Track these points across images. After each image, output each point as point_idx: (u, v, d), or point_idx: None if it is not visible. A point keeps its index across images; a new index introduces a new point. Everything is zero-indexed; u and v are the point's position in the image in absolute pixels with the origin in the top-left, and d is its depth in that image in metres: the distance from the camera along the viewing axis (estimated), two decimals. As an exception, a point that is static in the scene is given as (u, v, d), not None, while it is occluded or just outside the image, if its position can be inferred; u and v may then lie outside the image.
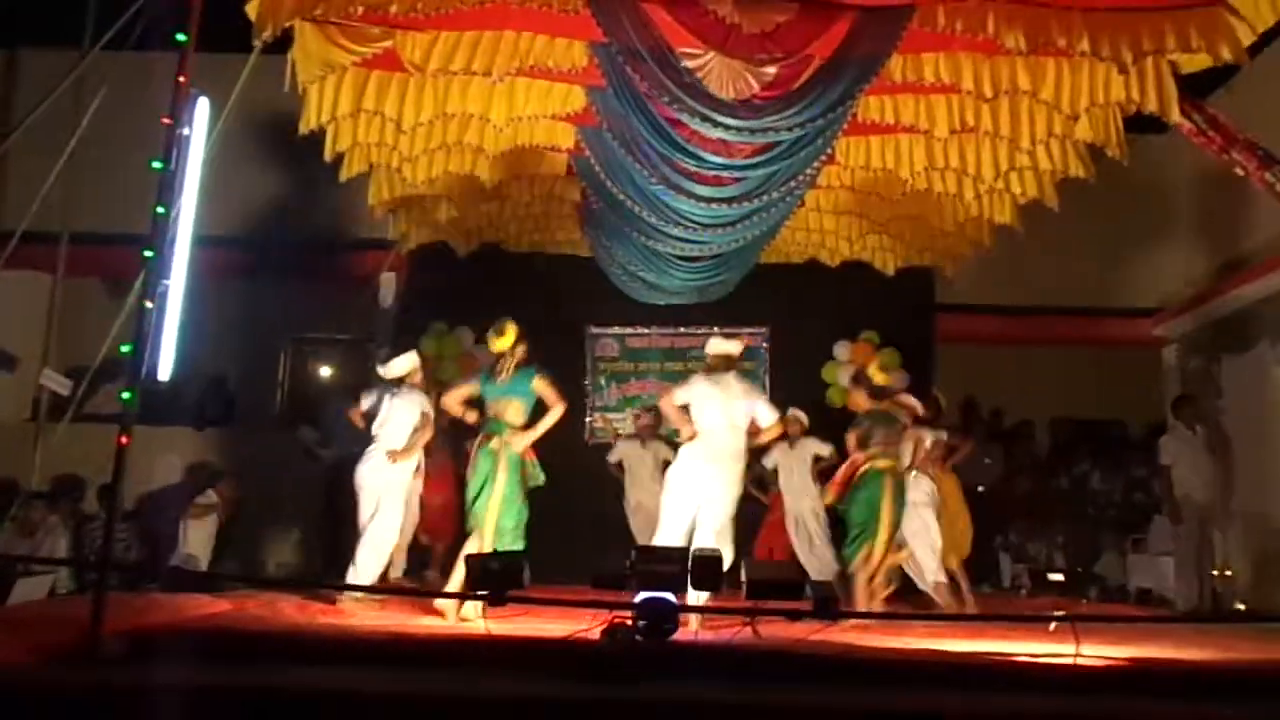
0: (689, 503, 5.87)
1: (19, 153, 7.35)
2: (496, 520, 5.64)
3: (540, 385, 5.84)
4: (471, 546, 5.63)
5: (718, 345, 6.24)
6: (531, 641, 4.60)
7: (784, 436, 7.40)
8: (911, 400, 6.95)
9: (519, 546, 5.64)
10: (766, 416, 6.08)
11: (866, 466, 6.31)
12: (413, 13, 5.76)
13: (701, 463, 5.88)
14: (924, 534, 6.68)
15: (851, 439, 6.49)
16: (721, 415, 5.91)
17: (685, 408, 5.97)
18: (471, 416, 6.09)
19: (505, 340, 5.90)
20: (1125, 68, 5.94)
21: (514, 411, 5.83)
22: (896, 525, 6.30)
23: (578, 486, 7.42)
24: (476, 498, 5.70)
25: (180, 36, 4.62)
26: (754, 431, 6.11)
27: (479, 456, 5.75)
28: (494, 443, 5.73)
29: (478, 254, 9.54)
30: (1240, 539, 8.85)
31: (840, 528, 7.37)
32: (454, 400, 6.10)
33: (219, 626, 4.78)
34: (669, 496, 5.96)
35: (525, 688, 3.83)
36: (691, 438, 5.93)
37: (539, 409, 5.89)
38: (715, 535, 5.75)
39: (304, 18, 5.74)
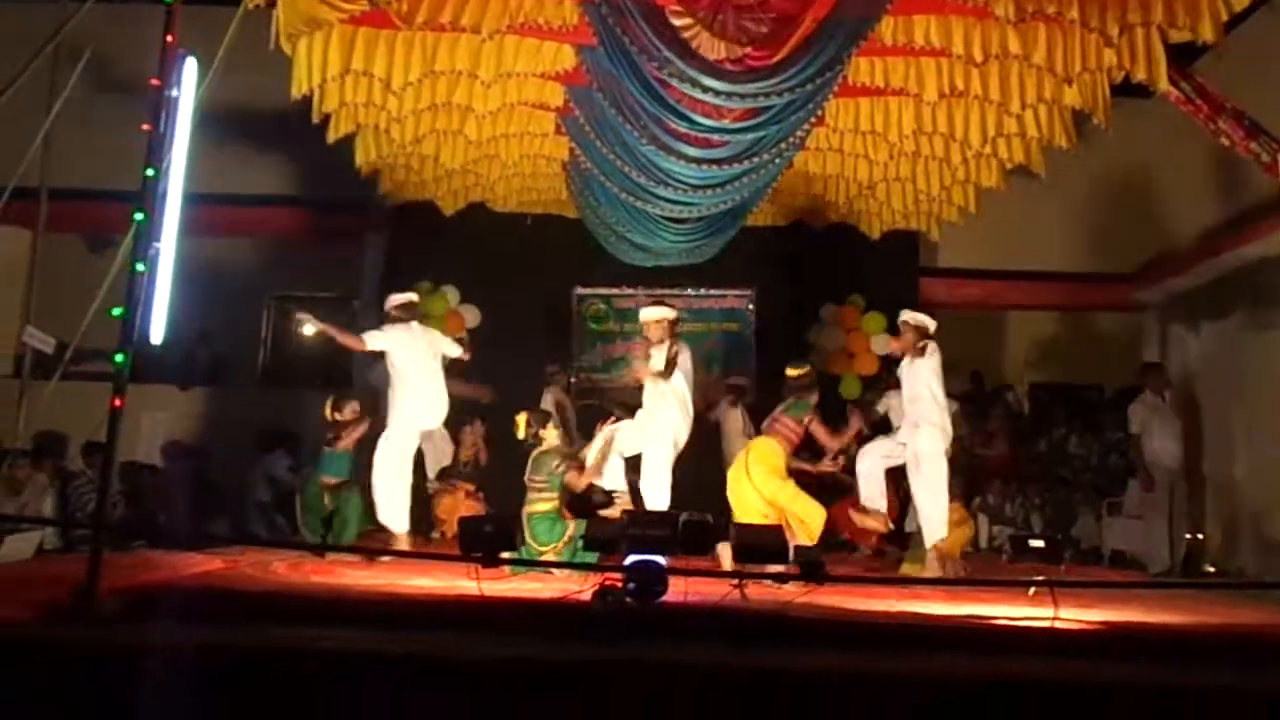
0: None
1: (-9, 106, 7.26)
2: None
3: None
4: None
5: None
6: (523, 603, 4.70)
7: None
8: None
9: None
10: None
11: None
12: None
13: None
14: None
15: None
16: None
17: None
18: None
19: None
20: (1111, 41, 6.00)
21: None
22: None
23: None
24: None
25: (168, -5, 4.57)
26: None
27: None
28: None
29: (464, 213, 9.51)
30: (1211, 503, 9.06)
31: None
32: None
33: (213, 585, 4.85)
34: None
35: (517, 649, 3.92)
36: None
37: None
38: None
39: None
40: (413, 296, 6.98)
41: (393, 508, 6.52)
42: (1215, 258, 9.05)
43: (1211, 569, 8.17)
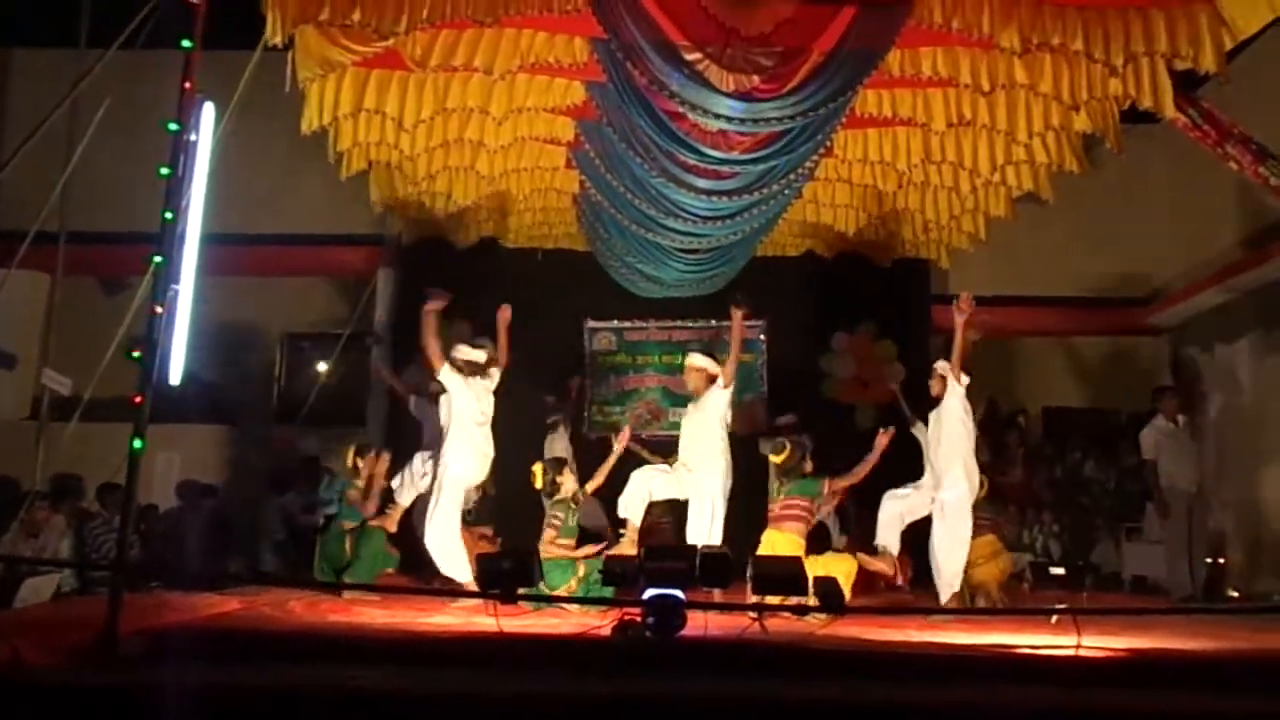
0: None
1: (10, 151, 7.37)
2: None
3: None
4: None
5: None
6: (543, 638, 4.70)
7: None
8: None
9: None
10: None
11: None
12: (419, 25, 5.83)
13: None
14: None
15: None
16: None
17: None
18: None
19: None
20: (1116, 70, 6.06)
21: None
22: None
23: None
24: None
25: (186, 42, 4.65)
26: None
27: None
28: None
29: (476, 248, 9.61)
30: (1233, 527, 9.01)
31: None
32: None
33: (232, 625, 4.86)
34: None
35: (537, 685, 3.93)
36: None
37: None
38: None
39: (309, 22, 5.79)
40: (480, 356, 6.79)
41: (455, 562, 6.40)
42: (1227, 281, 9.07)
43: (1235, 594, 8.11)
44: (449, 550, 6.41)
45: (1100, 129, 6.99)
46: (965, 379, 6.47)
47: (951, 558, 6.35)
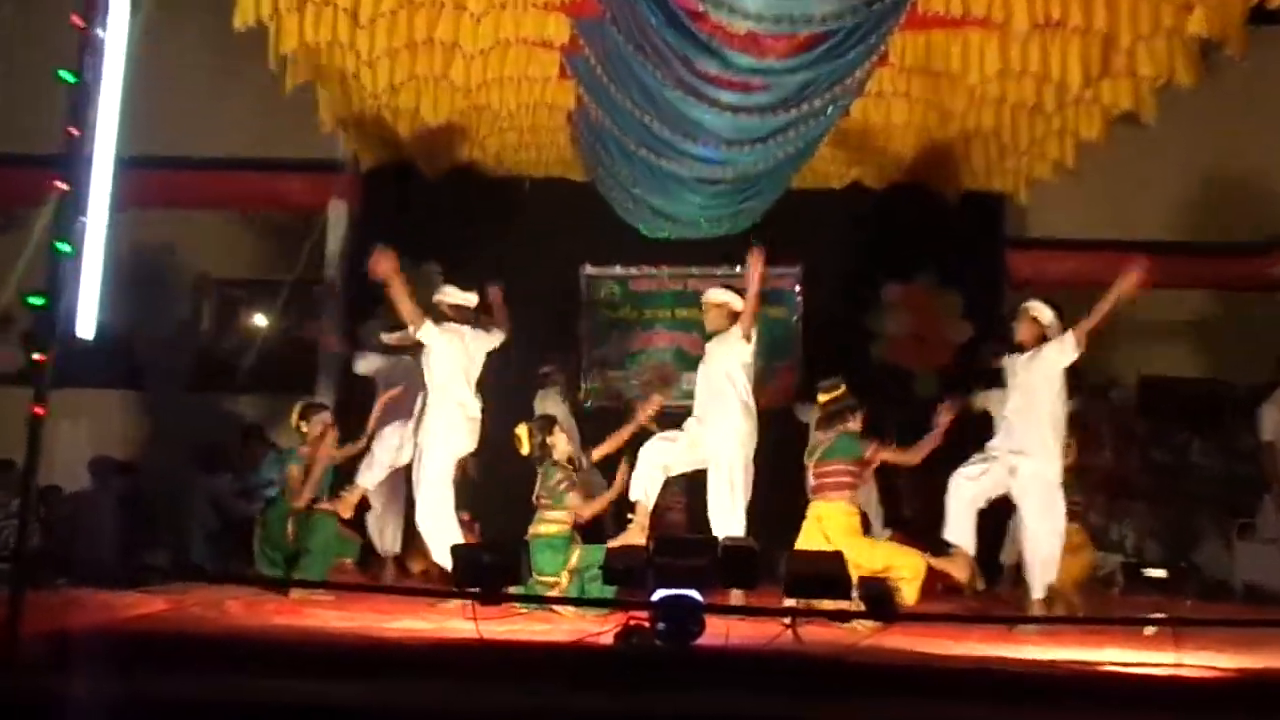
0: None
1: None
2: None
3: None
4: None
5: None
6: (532, 646, 4.76)
7: None
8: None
9: None
10: None
11: None
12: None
13: None
14: None
15: None
16: None
17: None
18: None
19: None
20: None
21: None
22: None
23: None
24: None
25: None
26: None
27: None
28: None
29: (449, 177, 9.62)
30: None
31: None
32: None
33: (156, 629, 4.94)
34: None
35: (524, 701, 3.99)
36: None
37: None
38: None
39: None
40: (472, 299, 7.01)
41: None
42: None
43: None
44: (444, 534, 6.52)
45: (1218, 33, 6.93)
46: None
47: (1045, 543, 6.33)
